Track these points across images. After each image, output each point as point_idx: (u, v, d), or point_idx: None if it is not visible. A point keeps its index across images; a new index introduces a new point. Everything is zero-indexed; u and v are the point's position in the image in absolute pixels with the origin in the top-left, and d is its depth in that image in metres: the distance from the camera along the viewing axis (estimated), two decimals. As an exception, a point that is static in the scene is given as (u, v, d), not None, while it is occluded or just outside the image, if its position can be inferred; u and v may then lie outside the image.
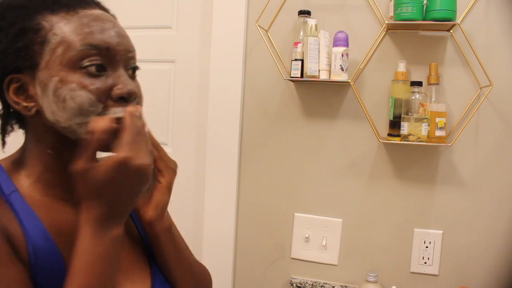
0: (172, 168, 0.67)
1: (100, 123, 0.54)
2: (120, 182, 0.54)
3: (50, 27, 0.56)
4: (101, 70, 0.57)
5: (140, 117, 0.57)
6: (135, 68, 0.63)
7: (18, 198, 0.58)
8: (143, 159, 0.55)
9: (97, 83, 0.56)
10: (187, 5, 1.48)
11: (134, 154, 0.54)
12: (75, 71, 0.56)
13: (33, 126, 0.61)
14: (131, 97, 0.59)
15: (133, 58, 0.63)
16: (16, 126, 0.65)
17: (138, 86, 0.63)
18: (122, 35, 0.60)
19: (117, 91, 0.58)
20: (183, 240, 0.76)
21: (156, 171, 0.67)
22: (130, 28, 0.67)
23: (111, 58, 0.58)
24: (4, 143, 0.64)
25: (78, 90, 0.55)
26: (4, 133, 0.64)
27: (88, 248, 0.54)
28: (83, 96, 0.56)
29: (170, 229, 0.69)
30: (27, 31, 0.56)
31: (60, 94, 0.56)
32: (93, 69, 0.56)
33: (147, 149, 0.56)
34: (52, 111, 0.57)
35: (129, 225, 0.72)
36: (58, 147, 0.61)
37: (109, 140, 0.55)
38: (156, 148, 0.66)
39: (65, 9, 0.58)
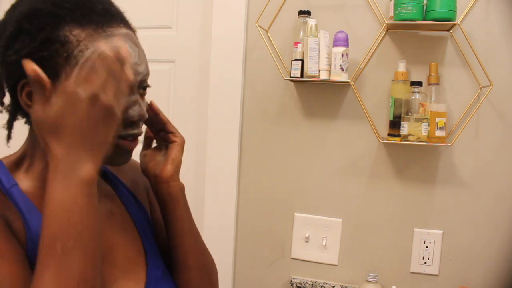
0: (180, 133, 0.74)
1: (29, 67, 0.53)
2: (71, 114, 0.52)
3: (77, 42, 0.56)
4: None
5: (118, 60, 0.55)
6: (146, 87, 0.66)
7: (19, 192, 0.59)
8: (90, 89, 0.52)
9: None
10: (187, 5, 1.48)
11: (80, 86, 0.52)
12: None
13: None
14: (141, 121, 0.63)
15: (147, 80, 0.65)
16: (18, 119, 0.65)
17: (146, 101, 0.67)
18: (143, 59, 0.63)
19: (129, 115, 0.60)
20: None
21: (169, 133, 0.73)
22: (130, 28, 0.67)
23: (131, 86, 0.60)
24: (10, 137, 0.64)
25: None
26: (11, 128, 0.64)
27: (54, 194, 0.51)
28: None
29: (184, 190, 0.73)
30: (54, 42, 0.56)
31: None
32: None
33: (108, 86, 0.53)
34: None
35: (127, 222, 0.72)
36: None
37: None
38: (163, 114, 0.72)
39: (94, 25, 0.58)
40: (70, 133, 0.52)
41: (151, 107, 0.71)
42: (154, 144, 0.77)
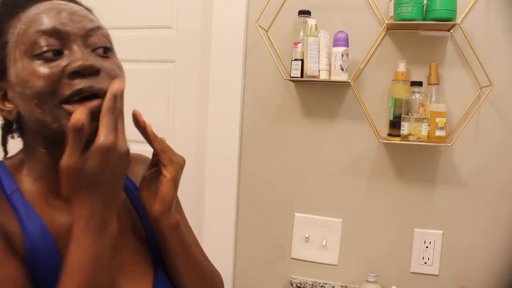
0: (177, 162, 0.65)
1: (76, 116, 0.51)
2: (109, 171, 0.53)
3: (7, 29, 0.58)
4: (56, 54, 0.56)
5: (121, 96, 0.55)
6: (106, 48, 0.60)
7: (19, 197, 0.59)
8: (123, 142, 0.54)
9: (50, 68, 0.55)
10: (187, 5, 1.48)
11: (116, 139, 0.53)
12: (31, 60, 0.55)
13: (26, 128, 0.62)
14: (86, 71, 0.56)
15: (97, 36, 0.60)
16: (15, 135, 0.66)
17: (116, 63, 0.61)
18: (77, 15, 0.59)
19: (68, 67, 0.55)
20: (194, 238, 0.75)
21: (161, 165, 0.65)
22: (130, 28, 0.67)
23: (65, 40, 0.57)
24: (6, 152, 0.65)
25: (31, 78, 0.55)
26: (5, 142, 0.65)
27: (84, 246, 0.52)
28: (35, 83, 0.55)
29: (178, 226, 0.67)
30: None
31: (20, 87, 0.56)
32: (47, 55, 0.55)
33: (124, 131, 0.55)
34: (22, 108, 0.58)
35: (136, 224, 0.72)
36: (49, 145, 0.61)
37: (91, 127, 0.54)
38: (158, 141, 0.65)
39: (20, 9, 0.59)
40: (106, 188, 0.53)
41: (146, 131, 0.64)
42: None
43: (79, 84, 0.55)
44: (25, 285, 0.53)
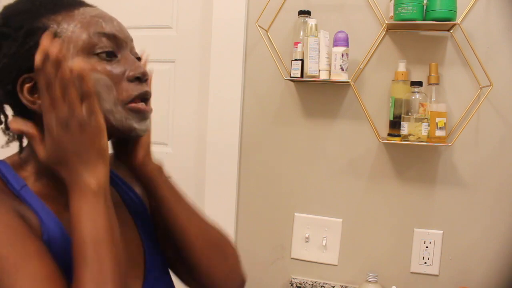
0: None
1: (13, 124, 0.58)
2: (59, 145, 0.57)
3: (57, 24, 0.59)
4: (111, 56, 0.61)
5: (54, 64, 0.57)
6: (138, 59, 0.67)
7: (29, 192, 0.59)
8: (56, 117, 0.57)
9: (110, 68, 0.60)
10: (187, 5, 1.47)
11: (49, 116, 0.56)
12: (88, 57, 0.59)
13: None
14: (145, 77, 0.63)
15: (134, 47, 0.67)
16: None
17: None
18: (122, 25, 0.66)
19: (131, 72, 0.61)
20: (187, 197, 0.76)
21: None
22: (130, 28, 0.68)
23: (119, 45, 0.62)
24: (22, 148, 0.64)
25: (94, 74, 0.58)
26: (22, 137, 0.65)
27: (77, 209, 0.56)
28: (99, 79, 0.58)
29: (162, 170, 0.71)
30: (35, 31, 0.58)
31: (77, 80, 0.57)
32: (104, 55, 0.60)
33: (66, 100, 0.58)
34: None
35: (125, 217, 0.72)
36: None
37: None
38: None
39: (66, 8, 0.61)
40: (66, 159, 0.57)
41: None
42: None
43: (141, 88, 0.62)
44: (55, 265, 0.53)
